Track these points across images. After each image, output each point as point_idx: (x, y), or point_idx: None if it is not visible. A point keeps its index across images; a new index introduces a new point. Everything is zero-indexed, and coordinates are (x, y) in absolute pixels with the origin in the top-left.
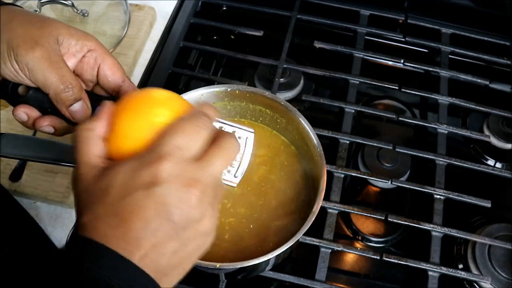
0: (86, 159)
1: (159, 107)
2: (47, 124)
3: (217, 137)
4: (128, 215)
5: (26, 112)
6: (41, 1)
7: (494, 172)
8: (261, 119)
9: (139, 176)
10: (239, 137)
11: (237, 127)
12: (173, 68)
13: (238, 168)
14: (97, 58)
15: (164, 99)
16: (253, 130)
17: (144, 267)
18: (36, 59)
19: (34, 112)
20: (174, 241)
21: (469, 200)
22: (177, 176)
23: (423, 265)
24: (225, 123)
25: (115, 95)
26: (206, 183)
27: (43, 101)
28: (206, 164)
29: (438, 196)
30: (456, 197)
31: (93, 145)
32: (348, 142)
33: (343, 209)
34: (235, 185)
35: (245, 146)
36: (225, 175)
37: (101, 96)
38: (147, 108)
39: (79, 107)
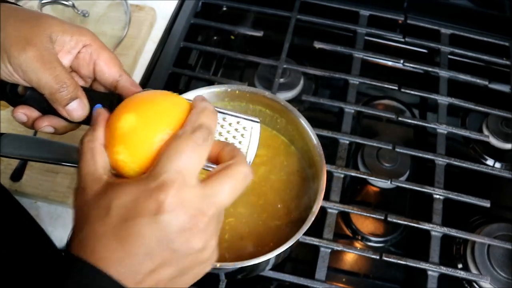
0: (89, 171)
1: (158, 119)
2: (46, 125)
3: (228, 159)
4: (129, 240)
5: (25, 113)
6: (42, 1)
7: (493, 172)
8: (261, 119)
9: (142, 202)
10: (244, 128)
11: (241, 118)
12: (173, 68)
13: None
14: (92, 53)
15: (162, 107)
16: (258, 120)
17: None
18: (28, 59)
19: (33, 113)
20: (172, 268)
21: (468, 200)
22: (181, 205)
23: (423, 265)
24: (229, 114)
25: (114, 90)
26: (211, 214)
27: (41, 100)
28: (212, 192)
29: (438, 196)
30: (456, 197)
31: (97, 156)
32: (348, 142)
33: (342, 209)
34: None
35: (250, 136)
36: None
37: (99, 92)
38: (145, 119)
39: (76, 106)
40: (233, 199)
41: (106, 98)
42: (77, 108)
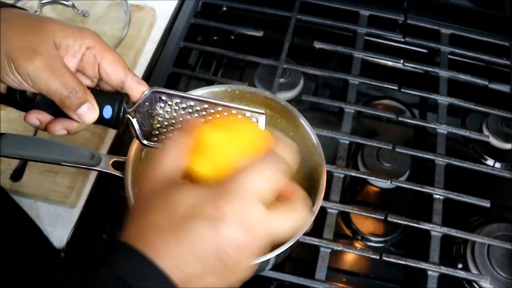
0: (168, 167)
1: (244, 142)
2: (59, 128)
3: (291, 195)
4: (186, 237)
5: (37, 117)
6: (42, 1)
7: (493, 172)
8: (266, 110)
9: (207, 205)
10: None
11: (247, 110)
12: (173, 68)
13: None
14: (96, 55)
15: (248, 133)
16: (263, 111)
17: None
18: (37, 69)
19: (45, 116)
20: (214, 277)
21: (468, 200)
22: (241, 219)
23: (423, 265)
24: (234, 107)
25: (120, 90)
26: (264, 238)
27: (51, 104)
28: (272, 221)
29: (438, 196)
30: (456, 197)
31: (180, 157)
32: (348, 142)
33: (342, 209)
34: None
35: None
36: None
37: (107, 93)
38: (234, 139)
39: (86, 109)
40: (286, 236)
41: (113, 98)
42: (87, 112)
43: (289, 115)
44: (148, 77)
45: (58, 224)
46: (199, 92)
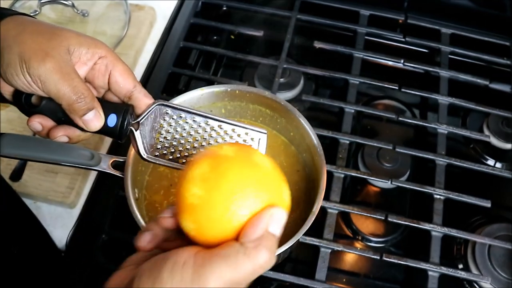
0: None
1: (228, 194)
2: (61, 135)
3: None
4: None
5: (40, 122)
6: (42, 1)
7: (494, 172)
8: (261, 119)
9: None
10: (252, 138)
11: (249, 129)
12: (173, 68)
13: None
14: (108, 64)
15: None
16: (265, 131)
17: None
18: (48, 71)
19: (48, 122)
20: None
21: (469, 200)
22: None
23: (423, 265)
24: (237, 125)
25: (127, 101)
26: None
27: (56, 110)
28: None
29: (438, 196)
30: (456, 197)
31: None
32: (348, 142)
33: (343, 209)
34: None
35: (258, 146)
36: None
37: (112, 103)
38: (214, 194)
39: (92, 116)
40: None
41: (119, 108)
42: (93, 119)
43: (289, 115)
44: (148, 76)
45: (58, 224)
46: (200, 92)
